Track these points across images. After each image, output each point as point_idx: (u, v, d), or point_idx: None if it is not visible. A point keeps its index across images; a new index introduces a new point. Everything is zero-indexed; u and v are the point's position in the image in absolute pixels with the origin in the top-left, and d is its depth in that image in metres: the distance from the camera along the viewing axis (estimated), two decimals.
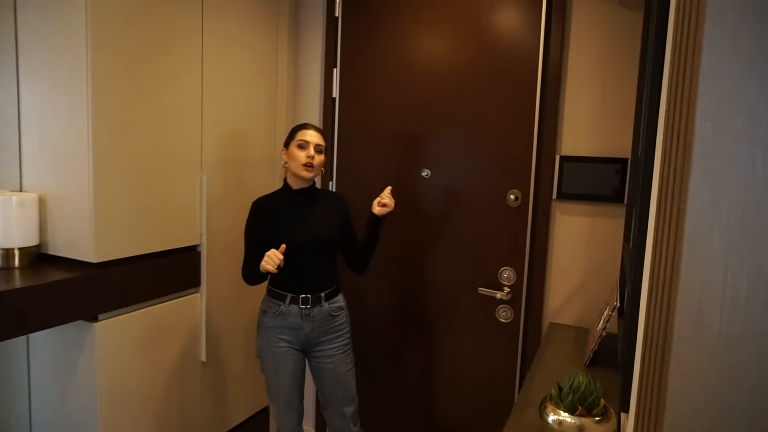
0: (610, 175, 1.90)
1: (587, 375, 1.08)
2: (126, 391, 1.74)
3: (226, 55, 2.02)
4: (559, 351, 1.70)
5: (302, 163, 1.77)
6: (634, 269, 0.96)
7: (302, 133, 1.81)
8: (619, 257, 1.90)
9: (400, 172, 2.28)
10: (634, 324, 0.97)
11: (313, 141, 1.79)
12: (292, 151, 1.80)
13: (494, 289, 2.11)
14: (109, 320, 1.67)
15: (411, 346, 2.33)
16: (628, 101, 1.85)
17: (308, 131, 1.81)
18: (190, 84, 1.86)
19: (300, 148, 1.79)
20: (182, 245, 1.91)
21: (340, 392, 1.90)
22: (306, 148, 1.78)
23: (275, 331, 1.85)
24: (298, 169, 1.79)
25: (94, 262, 1.60)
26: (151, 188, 1.75)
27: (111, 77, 1.58)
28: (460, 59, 2.11)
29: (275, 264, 1.67)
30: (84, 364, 1.65)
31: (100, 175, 1.58)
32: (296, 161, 1.79)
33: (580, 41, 1.91)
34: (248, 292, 2.26)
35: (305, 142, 1.79)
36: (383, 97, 2.28)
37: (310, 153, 1.78)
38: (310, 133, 1.81)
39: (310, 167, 1.78)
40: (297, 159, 1.79)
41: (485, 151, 2.10)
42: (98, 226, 1.59)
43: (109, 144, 1.60)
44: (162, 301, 1.86)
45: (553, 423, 1.06)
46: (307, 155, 1.77)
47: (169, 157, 1.81)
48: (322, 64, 2.40)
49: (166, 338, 1.88)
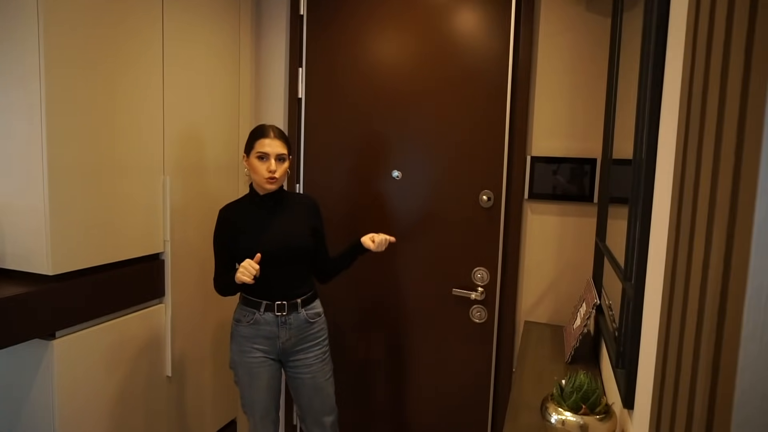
0: (579, 175, 1.94)
1: (587, 374, 1.09)
2: (87, 412, 1.61)
3: (187, 55, 1.91)
4: (539, 350, 1.72)
5: (265, 177, 1.68)
6: (637, 270, 0.97)
7: (261, 144, 1.69)
8: (589, 255, 1.95)
9: (370, 174, 2.24)
10: (637, 324, 0.98)
11: (273, 152, 1.69)
12: (253, 162, 1.71)
13: (468, 289, 2.12)
14: (67, 337, 1.54)
15: (385, 349, 2.30)
16: (596, 103, 1.90)
17: (266, 140, 1.69)
18: (150, 85, 1.75)
19: (260, 160, 1.69)
20: (145, 253, 1.79)
21: (319, 403, 1.83)
22: (266, 160, 1.68)
23: (250, 341, 1.77)
24: (262, 182, 1.70)
25: (51, 274, 1.47)
26: (111, 193, 1.63)
27: (66, 79, 1.46)
28: (431, 60, 2.10)
29: (251, 275, 1.60)
30: (40, 386, 1.51)
31: (56, 180, 1.45)
32: (258, 175, 1.70)
33: (549, 44, 1.95)
34: (215, 301, 2.15)
35: (265, 154, 1.68)
36: (352, 97, 2.24)
37: (271, 167, 1.68)
38: (269, 142, 1.69)
39: (273, 180, 1.70)
40: (259, 172, 1.69)
41: (457, 151, 2.10)
42: (54, 236, 1.46)
43: (65, 148, 1.47)
44: (124, 314, 1.74)
45: (557, 423, 1.06)
46: (268, 169, 1.68)
47: (130, 161, 1.70)
48: (286, 63, 2.33)
49: (129, 354, 1.76)
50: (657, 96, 0.94)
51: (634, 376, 0.97)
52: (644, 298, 0.95)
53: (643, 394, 0.92)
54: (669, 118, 0.88)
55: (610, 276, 1.57)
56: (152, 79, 1.76)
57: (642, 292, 0.96)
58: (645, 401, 0.90)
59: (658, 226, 0.91)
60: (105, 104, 1.58)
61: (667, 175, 0.86)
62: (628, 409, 1.01)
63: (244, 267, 1.61)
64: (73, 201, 1.51)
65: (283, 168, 1.72)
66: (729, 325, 0.52)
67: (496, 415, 2.14)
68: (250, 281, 1.60)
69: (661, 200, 0.89)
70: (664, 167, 0.89)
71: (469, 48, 2.05)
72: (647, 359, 0.91)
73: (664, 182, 0.88)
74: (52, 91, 1.41)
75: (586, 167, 1.93)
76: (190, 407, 2.07)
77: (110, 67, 1.59)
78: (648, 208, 0.95)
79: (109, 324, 1.68)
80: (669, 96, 0.89)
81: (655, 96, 0.94)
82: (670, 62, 0.89)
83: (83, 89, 1.51)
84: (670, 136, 0.85)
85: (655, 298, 0.89)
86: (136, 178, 1.72)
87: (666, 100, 0.91)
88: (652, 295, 0.90)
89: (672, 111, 0.86)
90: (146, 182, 1.77)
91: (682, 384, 0.68)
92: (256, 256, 1.63)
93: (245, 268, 1.60)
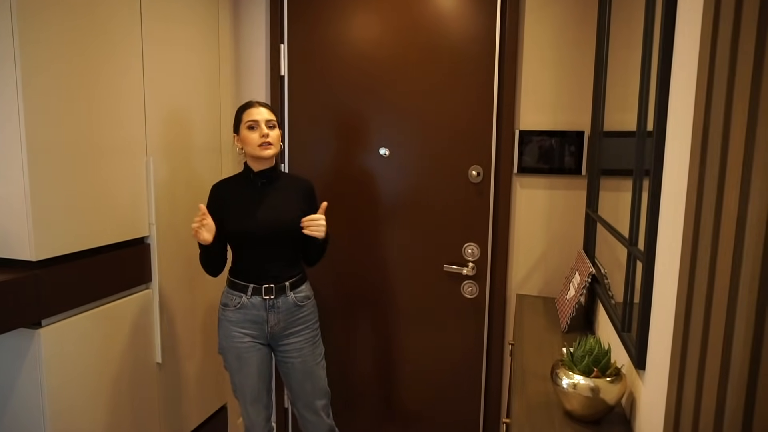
0: (567, 148, 1.96)
1: (596, 338, 1.11)
2: (77, 401, 1.55)
3: (166, 32, 1.83)
4: (534, 321, 1.74)
5: (257, 144, 1.65)
6: (648, 234, 0.98)
7: (248, 113, 1.67)
8: (578, 227, 1.98)
9: (357, 152, 2.21)
10: (648, 286, 0.99)
11: (262, 118, 1.67)
12: (244, 134, 1.67)
13: (459, 265, 2.12)
14: (54, 325, 1.47)
15: (377, 328, 2.29)
16: (584, 76, 1.91)
17: (254, 109, 1.68)
18: (129, 64, 1.67)
19: (251, 130, 1.66)
20: (130, 237, 1.72)
21: (310, 387, 1.81)
22: (257, 127, 1.66)
23: (237, 326, 1.73)
24: (256, 150, 1.66)
25: (34, 260, 1.40)
26: (94, 176, 1.56)
27: (43, 58, 1.37)
28: (417, 34, 2.07)
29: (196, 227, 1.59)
30: (28, 376, 1.45)
31: (36, 163, 1.37)
32: (251, 144, 1.66)
33: (536, 17, 1.94)
34: (204, 285, 2.10)
35: (254, 121, 1.66)
36: (336, 74, 2.19)
37: (263, 132, 1.65)
38: (257, 110, 1.67)
39: (268, 145, 1.66)
40: (251, 142, 1.66)
41: (445, 127, 2.09)
42: (36, 220, 1.39)
43: (44, 130, 1.39)
44: (111, 301, 1.68)
45: (568, 386, 1.07)
46: (260, 135, 1.65)
47: (111, 142, 1.62)
48: (267, 40, 2.26)
49: (118, 340, 1.70)
50: (667, 64, 0.94)
51: (646, 337, 0.99)
52: (656, 259, 0.96)
53: (657, 353, 0.93)
54: (681, 87, 0.88)
55: (603, 245, 1.59)
56: (132, 58, 1.68)
57: (653, 254, 0.97)
58: (659, 360, 0.92)
59: (669, 192, 0.92)
60: (84, 85, 1.50)
61: (680, 141, 0.86)
62: (640, 369, 1.03)
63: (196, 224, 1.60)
64: (54, 184, 1.43)
65: (275, 133, 1.69)
66: None
67: (489, 388, 2.17)
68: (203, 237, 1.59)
69: (673, 166, 0.90)
70: (676, 135, 0.89)
71: (455, 22, 2.03)
72: (661, 319, 0.93)
73: (676, 148, 0.88)
74: (28, 72, 1.33)
75: (573, 140, 1.95)
76: (180, 393, 2.03)
77: (89, 46, 1.51)
78: (659, 174, 0.96)
79: (97, 311, 1.61)
80: (680, 62, 0.89)
81: (665, 64, 0.94)
82: (682, 21, 0.89)
83: (61, 70, 1.43)
84: (685, 103, 0.85)
85: (667, 258, 0.91)
86: (118, 160, 1.65)
87: (676, 68, 0.91)
88: (665, 257, 0.92)
89: (685, 80, 0.86)
90: (129, 163, 1.70)
91: (713, 340, 0.68)
92: (200, 205, 1.63)
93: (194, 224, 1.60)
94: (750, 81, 0.60)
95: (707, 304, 0.71)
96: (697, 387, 0.72)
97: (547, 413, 1.14)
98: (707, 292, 0.71)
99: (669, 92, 0.94)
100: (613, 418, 1.12)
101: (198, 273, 2.06)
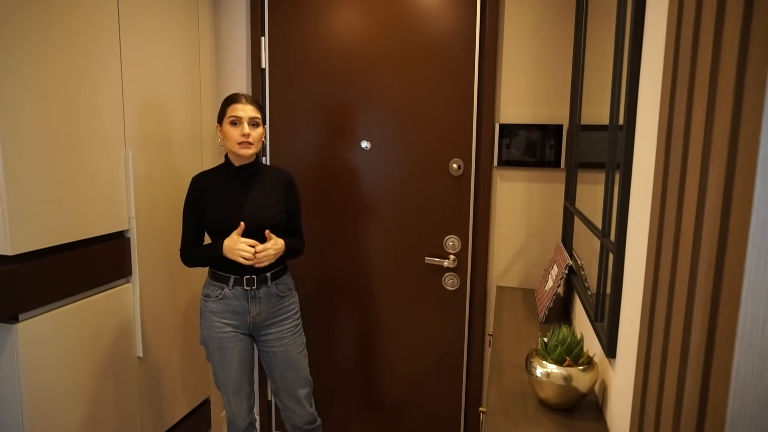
0: (546, 142, 1.98)
1: (570, 328, 1.13)
2: (56, 396, 1.55)
3: (144, 23, 1.81)
4: (513, 312, 1.77)
5: (237, 142, 1.65)
6: (619, 225, 1.00)
7: (233, 108, 1.66)
8: (556, 219, 2.01)
9: (338, 145, 2.21)
10: (619, 276, 1.02)
11: (246, 115, 1.65)
12: (226, 128, 1.66)
13: (440, 257, 2.14)
14: (32, 320, 1.46)
15: (358, 320, 2.31)
16: (563, 70, 1.93)
17: (239, 105, 1.66)
18: (107, 57, 1.66)
19: (233, 125, 1.65)
20: (109, 231, 1.71)
21: (292, 376, 1.82)
22: (239, 124, 1.65)
23: (219, 316, 1.74)
24: (235, 148, 1.66)
25: (10, 254, 1.39)
26: (71, 169, 1.55)
27: (18, 50, 1.35)
28: (398, 28, 2.08)
29: (251, 253, 1.62)
30: (5, 371, 1.44)
31: (10, 155, 1.36)
32: (231, 140, 1.66)
33: (516, 13, 1.96)
34: (184, 278, 2.10)
35: (237, 118, 1.65)
36: (318, 67, 2.19)
37: (244, 131, 1.64)
38: (242, 107, 1.66)
39: (248, 145, 1.66)
40: (231, 138, 1.65)
41: (426, 120, 2.10)
42: (12, 213, 1.37)
43: (19, 121, 1.38)
44: (90, 295, 1.67)
45: (542, 375, 1.10)
46: (241, 133, 1.64)
47: (89, 135, 1.61)
48: (247, 32, 2.25)
49: (98, 335, 1.70)
50: (636, 61, 0.96)
51: (616, 327, 1.02)
52: (626, 250, 0.99)
53: (626, 342, 0.96)
54: (649, 82, 0.90)
55: (580, 237, 1.62)
56: (109, 51, 1.66)
57: (623, 246, 0.99)
58: (628, 349, 0.95)
59: (638, 184, 0.94)
60: (61, 78, 1.49)
61: (648, 135, 0.88)
62: (611, 358, 1.05)
63: (240, 248, 1.61)
64: (30, 177, 1.42)
65: (257, 132, 1.68)
66: (729, 262, 0.55)
67: (470, 377, 2.20)
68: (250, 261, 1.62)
69: (642, 159, 0.92)
70: (644, 129, 0.91)
71: (436, 16, 2.03)
72: (629, 309, 0.95)
73: (644, 142, 0.90)
74: (2, 65, 1.31)
75: (553, 134, 1.97)
76: (162, 387, 2.03)
77: (65, 38, 1.49)
78: (628, 167, 0.98)
79: (75, 305, 1.61)
80: (649, 61, 0.91)
81: (634, 62, 0.96)
82: (650, 24, 0.91)
83: (36, 63, 1.41)
84: (652, 98, 0.87)
85: (636, 249, 0.93)
86: (97, 153, 1.64)
87: (646, 66, 0.93)
88: (634, 248, 0.94)
89: (653, 76, 0.88)
90: (108, 156, 1.69)
91: (674, 329, 0.71)
92: (240, 226, 1.62)
93: (243, 249, 1.61)
94: (708, 81, 0.62)
95: (670, 294, 0.73)
96: (660, 373, 0.74)
97: (522, 401, 1.16)
98: (670, 283, 0.73)
99: (638, 88, 0.96)
100: (585, 405, 1.15)
101: (178, 266, 2.05)
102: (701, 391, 0.60)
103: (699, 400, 0.59)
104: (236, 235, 1.62)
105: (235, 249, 1.62)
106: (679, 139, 0.72)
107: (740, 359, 0.52)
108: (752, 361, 0.52)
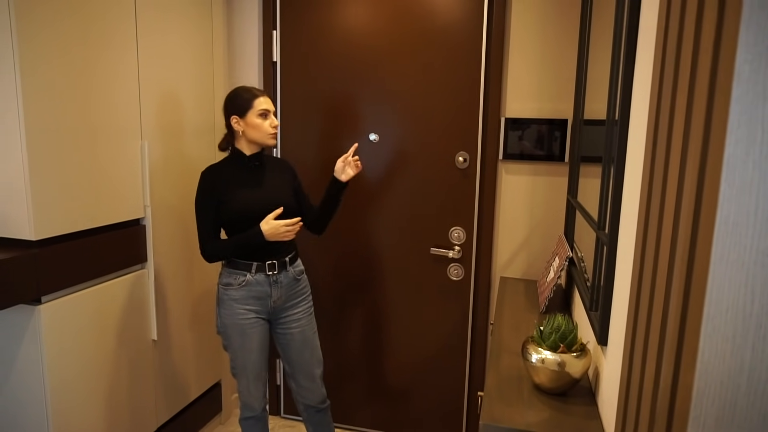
0: (551, 136, 2.02)
1: (564, 316, 1.18)
2: (76, 376, 1.63)
3: (159, 18, 1.87)
4: (514, 302, 1.81)
5: (269, 133, 1.76)
6: (611, 219, 1.05)
7: (259, 102, 1.75)
8: (560, 212, 2.05)
9: (347, 138, 2.26)
10: (611, 267, 1.06)
11: (271, 108, 1.78)
12: (254, 120, 1.74)
13: (445, 248, 2.19)
14: (53, 302, 1.54)
15: (365, 310, 2.37)
16: (568, 65, 1.96)
17: (262, 98, 1.76)
18: (124, 51, 1.72)
19: (263, 117, 1.75)
20: (126, 218, 1.79)
21: (308, 355, 1.90)
22: (268, 116, 1.76)
23: (242, 303, 1.79)
24: (265, 138, 1.76)
25: (34, 239, 1.46)
26: (91, 159, 1.62)
27: (41, 46, 1.42)
28: (407, 22, 2.11)
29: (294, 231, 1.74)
30: (28, 351, 1.52)
31: (34, 144, 1.43)
32: (262, 131, 1.75)
33: (523, 7, 1.99)
34: (198, 265, 2.17)
35: (266, 111, 1.75)
36: (328, 60, 2.24)
37: (274, 123, 1.76)
38: (265, 100, 1.77)
39: (275, 135, 1.79)
40: (262, 129, 1.75)
41: (434, 114, 2.14)
42: (36, 201, 1.45)
43: (43, 115, 1.45)
44: (108, 279, 1.75)
45: (537, 361, 1.15)
46: (271, 125, 1.76)
47: (107, 125, 1.67)
48: (259, 26, 2.30)
49: (115, 318, 1.77)
50: (631, 59, 1.00)
51: (608, 316, 1.06)
52: (618, 244, 1.03)
53: (617, 330, 1.01)
54: (642, 81, 0.94)
55: (581, 230, 1.66)
56: (126, 44, 1.73)
57: (616, 239, 1.04)
58: (618, 337, 0.99)
59: (630, 179, 0.98)
60: (81, 71, 1.55)
61: (640, 132, 0.92)
62: (602, 345, 1.10)
63: (285, 229, 1.72)
64: (53, 167, 1.49)
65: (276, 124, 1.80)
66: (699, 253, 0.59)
67: (473, 364, 2.26)
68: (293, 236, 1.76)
69: (634, 155, 0.96)
70: (637, 125, 0.95)
71: (444, 11, 2.07)
72: (620, 300, 1.00)
73: (637, 138, 0.94)
74: (27, 60, 1.38)
75: (557, 128, 2.01)
76: (176, 370, 2.11)
77: (85, 33, 1.56)
78: (622, 162, 1.03)
79: (94, 289, 1.68)
80: (643, 60, 0.95)
81: (629, 59, 1.00)
82: (644, 25, 0.95)
83: (58, 57, 1.47)
84: (644, 96, 0.91)
85: (628, 243, 0.97)
86: (114, 144, 1.71)
87: (639, 64, 0.97)
88: (626, 241, 0.98)
89: (645, 75, 0.92)
90: (125, 147, 1.75)
91: (654, 317, 0.76)
92: (278, 210, 1.73)
93: (288, 229, 1.72)
94: (688, 81, 0.66)
95: (652, 285, 0.78)
96: (642, 358, 0.79)
97: (518, 386, 1.22)
98: (653, 274, 0.78)
99: (632, 85, 1.00)
100: (578, 390, 1.20)
101: (193, 253, 2.12)
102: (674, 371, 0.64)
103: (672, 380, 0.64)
104: (271, 218, 1.72)
105: (281, 229, 1.72)
106: (664, 137, 0.76)
107: (705, 341, 0.57)
108: (716, 343, 0.57)
